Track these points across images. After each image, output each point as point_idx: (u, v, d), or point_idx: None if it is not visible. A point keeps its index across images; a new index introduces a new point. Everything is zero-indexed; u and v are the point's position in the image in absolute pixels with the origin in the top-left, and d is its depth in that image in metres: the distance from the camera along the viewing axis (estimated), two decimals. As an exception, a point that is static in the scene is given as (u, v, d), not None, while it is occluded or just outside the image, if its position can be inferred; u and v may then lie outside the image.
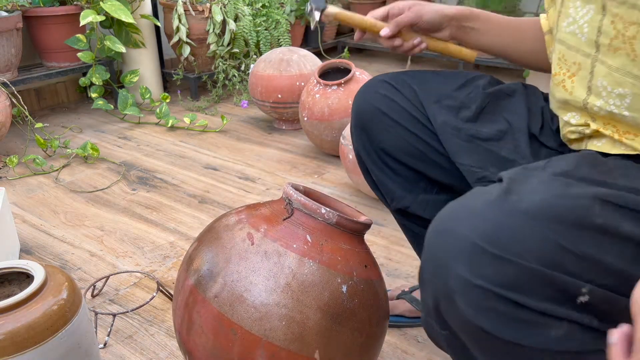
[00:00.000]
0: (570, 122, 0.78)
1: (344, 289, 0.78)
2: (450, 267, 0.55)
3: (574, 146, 0.82)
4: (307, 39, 3.35)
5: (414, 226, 1.03)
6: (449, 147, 0.89)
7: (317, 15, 0.97)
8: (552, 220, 0.54)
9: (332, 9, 0.98)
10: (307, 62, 2.27)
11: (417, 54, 0.99)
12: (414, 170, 0.96)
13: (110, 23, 2.45)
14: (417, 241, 1.07)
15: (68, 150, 2.05)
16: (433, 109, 0.91)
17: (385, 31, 0.92)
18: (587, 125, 0.76)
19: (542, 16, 0.94)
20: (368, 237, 1.48)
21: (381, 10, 0.94)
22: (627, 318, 0.49)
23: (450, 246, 0.56)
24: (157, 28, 2.70)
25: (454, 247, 0.56)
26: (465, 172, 0.87)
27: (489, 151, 0.86)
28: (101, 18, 2.25)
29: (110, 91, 2.64)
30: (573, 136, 0.79)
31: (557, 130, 0.87)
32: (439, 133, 0.90)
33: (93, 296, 1.27)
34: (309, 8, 0.97)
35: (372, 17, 0.95)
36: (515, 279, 0.53)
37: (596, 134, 0.76)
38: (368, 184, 1.05)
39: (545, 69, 0.93)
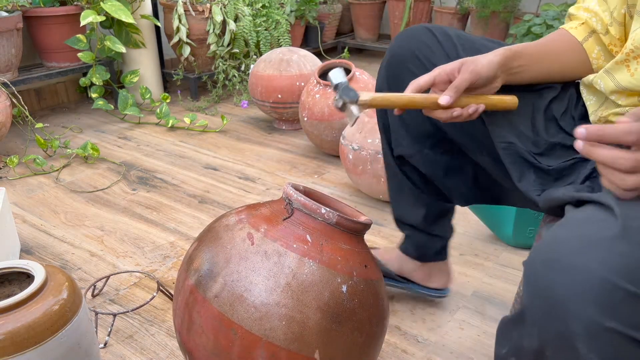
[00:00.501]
0: (618, 102, 0.77)
1: (344, 289, 0.78)
2: (572, 307, 0.49)
3: None
4: (307, 39, 3.36)
5: (414, 175, 1.05)
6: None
7: (355, 110, 0.79)
8: None
9: (365, 96, 0.79)
10: (307, 62, 2.27)
11: None
12: (427, 125, 0.97)
13: (111, 23, 2.45)
14: (414, 191, 1.07)
15: (68, 150, 2.05)
16: None
17: (445, 99, 0.79)
18: None
19: (569, 27, 0.90)
20: (368, 237, 1.48)
21: (425, 78, 0.82)
22: None
23: (573, 282, 0.49)
24: (157, 28, 2.70)
25: (577, 284, 0.49)
26: (490, 129, 0.88)
27: (510, 123, 0.86)
28: (101, 18, 2.25)
29: (110, 91, 2.64)
30: (616, 119, 0.77)
31: (581, 117, 0.87)
32: None
33: (93, 296, 1.27)
34: (340, 101, 0.79)
35: (415, 87, 0.83)
36: None
37: None
38: (378, 123, 1.06)
39: (587, 74, 0.90)
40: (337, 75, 0.82)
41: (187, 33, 2.60)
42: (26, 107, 2.10)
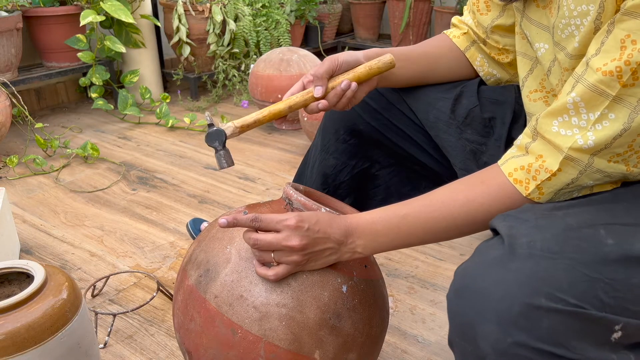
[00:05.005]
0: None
1: (344, 289, 0.78)
2: (478, 329, 0.52)
3: None
4: (307, 39, 3.35)
5: None
6: (441, 142, 0.93)
7: (222, 162, 0.83)
8: (570, 252, 0.52)
9: (231, 130, 0.83)
10: (307, 62, 2.27)
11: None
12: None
13: (110, 23, 2.45)
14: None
15: (68, 150, 2.05)
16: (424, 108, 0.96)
17: (318, 90, 0.84)
18: None
19: (451, 35, 0.97)
20: (368, 237, 1.48)
21: (296, 86, 0.87)
22: None
23: (476, 305, 0.52)
24: (157, 28, 2.70)
25: (480, 306, 0.52)
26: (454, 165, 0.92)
27: (473, 152, 0.90)
28: (101, 18, 2.25)
29: (110, 91, 2.64)
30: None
31: None
32: (429, 128, 0.95)
33: (93, 296, 1.27)
34: (215, 147, 0.83)
35: (289, 96, 0.87)
36: (553, 327, 0.49)
37: None
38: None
39: (467, 77, 0.98)
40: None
41: (187, 33, 2.60)
42: (26, 107, 2.10)
